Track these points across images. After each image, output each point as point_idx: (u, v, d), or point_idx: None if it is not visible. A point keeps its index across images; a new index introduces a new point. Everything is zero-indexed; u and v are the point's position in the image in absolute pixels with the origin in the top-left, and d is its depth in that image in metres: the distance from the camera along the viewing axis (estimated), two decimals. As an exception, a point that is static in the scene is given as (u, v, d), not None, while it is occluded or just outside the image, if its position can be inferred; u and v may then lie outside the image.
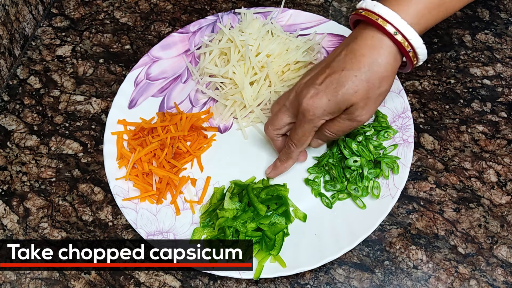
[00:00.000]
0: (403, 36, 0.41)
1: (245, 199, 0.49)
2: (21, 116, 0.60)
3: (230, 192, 0.50)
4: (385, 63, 0.41)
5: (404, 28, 0.40)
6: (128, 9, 0.69)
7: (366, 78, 0.41)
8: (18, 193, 0.55)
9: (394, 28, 0.40)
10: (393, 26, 0.40)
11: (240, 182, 0.52)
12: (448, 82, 0.60)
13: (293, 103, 0.46)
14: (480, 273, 0.48)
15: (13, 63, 0.64)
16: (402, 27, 0.40)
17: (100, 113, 0.60)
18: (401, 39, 0.41)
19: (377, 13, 0.41)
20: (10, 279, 0.49)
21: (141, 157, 0.52)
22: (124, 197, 0.51)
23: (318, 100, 0.43)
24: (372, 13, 0.41)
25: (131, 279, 0.49)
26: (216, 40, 0.60)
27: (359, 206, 0.50)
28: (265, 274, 0.46)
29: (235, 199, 0.49)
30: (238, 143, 0.56)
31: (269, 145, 0.55)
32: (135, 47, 0.65)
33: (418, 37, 0.41)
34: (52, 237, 0.52)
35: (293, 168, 0.53)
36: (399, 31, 0.40)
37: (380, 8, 0.41)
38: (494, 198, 0.52)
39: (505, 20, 0.64)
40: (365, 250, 0.49)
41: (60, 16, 0.69)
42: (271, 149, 0.55)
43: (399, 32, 0.40)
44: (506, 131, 0.56)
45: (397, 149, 0.52)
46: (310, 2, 0.68)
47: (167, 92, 0.59)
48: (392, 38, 0.41)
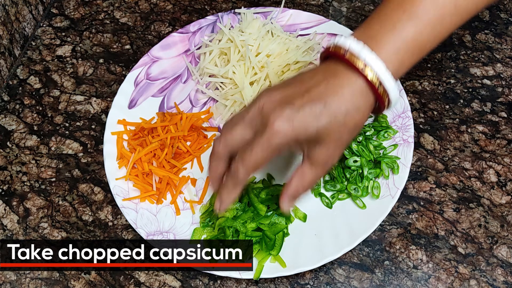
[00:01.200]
0: (383, 87, 0.38)
1: (245, 199, 0.49)
2: (21, 116, 0.60)
3: None
4: (363, 110, 0.38)
5: (385, 79, 0.37)
6: (128, 9, 0.69)
7: (344, 122, 0.38)
8: (18, 193, 0.55)
9: (375, 78, 0.37)
10: (373, 73, 0.37)
11: None
12: (448, 82, 0.60)
13: (255, 119, 0.39)
14: (480, 273, 0.48)
15: (13, 63, 0.64)
16: (383, 76, 0.37)
17: (100, 113, 0.60)
18: (381, 91, 0.38)
19: (363, 60, 0.37)
20: (10, 279, 0.49)
21: (141, 157, 0.52)
22: (124, 197, 0.51)
23: (291, 123, 0.37)
24: (357, 59, 0.37)
25: (131, 279, 0.49)
26: (216, 40, 0.60)
27: (359, 206, 0.50)
28: (265, 274, 0.46)
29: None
30: (238, 143, 0.56)
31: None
32: (135, 47, 0.65)
33: (392, 80, 0.38)
34: (52, 237, 0.52)
35: (293, 168, 0.53)
36: (382, 84, 0.37)
37: (366, 54, 0.37)
38: (494, 198, 0.52)
39: (505, 20, 0.64)
40: (365, 250, 0.49)
41: (60, 16, 0.69)
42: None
43: (381, 84, 0.37)
44: (506, 131, 0.56)
45: (397, 149, 0.52)
46: (310, 2, 0.68)
47: (167, 92, 0.59)
48: (373, 87, 0.37)
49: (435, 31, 0.39)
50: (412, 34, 0.38)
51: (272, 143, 0.37)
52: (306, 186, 0.40)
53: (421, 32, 0.38)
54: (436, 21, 0.38)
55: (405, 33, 0.37)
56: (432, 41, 0.39)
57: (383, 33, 0.38)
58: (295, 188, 0.40)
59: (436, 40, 0.39)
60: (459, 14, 0.39)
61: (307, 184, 0.40)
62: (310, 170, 0.40)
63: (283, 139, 0.37)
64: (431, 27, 0.38)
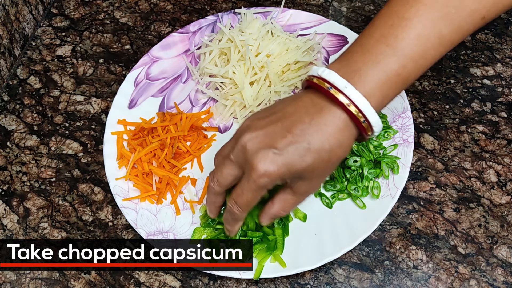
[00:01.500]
0: (368, 121, 0.38)
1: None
2: (21, 116, 0.60)
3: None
4: (346, 145, 0.39)
5: (370, 115, 0.38)
6: (128, 9, 0.69)
7: (328, 159, 0.38)
8: (18, 193, 0.55)
9: (360, 113, 0.37)
10: (357, 108, 0.37)
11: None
12: (448, 82, 0.60)
13: (240, 157, 0.40)
14: (480, 273, 0.48)
15: (13, 63, 0.64)
16: (367, 111, 0.37)
17: (100, 113, 0.60)
18: (366, 125, 0.38)
19: (348, 96, 0.37)
20: (10, 279, 0.49)
21: (141, 157, 0.52)
22: (124, 197, 0.51)
23: (275, 165, 0.37)
24: (342, 95, 0.37)
25: (131, 279, 0.49)
26: (216, 40, 0.60)
27: (359, 206, 0.50)
28: (265, 274, 0.46)
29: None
30: (238, 143, 0.56)
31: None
32: (135, 47, 0.65)
33: (376, 115, 0.38)
34: (52, 237, 0.52)
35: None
36: (366, 119, 0.38)
37: (350, 91, 0.37)
38: (494, 198, 0.52)
39: (505, 20, 0.64)
40: (365, 250, 0.49)
41: (60, 16, 0.69)
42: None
43: (365, 119, 0.38)
44: (506, 131, 0.56)
45: (397, 149, 0.52)
46: (310, 2, 0.68)
47: (167, 92, 0.59)
48: (358, 122, 0.38)
49: (419, 64, 0.38)
50: (396, 68, 0.37)
51: (259, 185, 0.38)
52: (287, 210, 0.43)
53: (404, 66, 0.38)
54: (420, 54, 0.38)
55: (389, 68, 0.37)
56: (415, 73, 0.39)
57: (367, 68, 0.37)
58: (277, 211, 0.43)
59: (419, 72, 0.39)
60: (444, 46, 0.39)
61: (288, 209, 0.43)
62: (292, 198, 0.42)
63: (268, 181, 0.38)
64: (415, 61, 0.38)
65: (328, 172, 0.41)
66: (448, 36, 0.38)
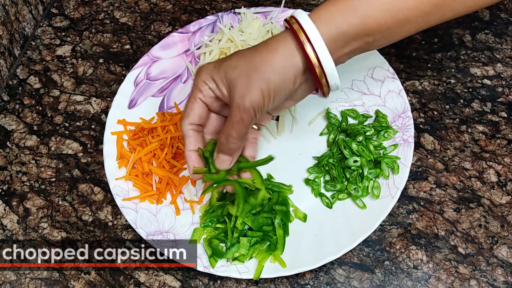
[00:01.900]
0: (320, 63, 0.39)
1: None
2: (21, 116, 0.60)
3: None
4: (279, 66, 0.40)
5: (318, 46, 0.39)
6: (128, 9, 0.69)
7: (256, 67, 0.40)
8: (18, 193, 0.55)
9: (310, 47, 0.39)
10: (309, 42, 0.39)
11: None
12: (448, 82, 0.60)
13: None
14: (480, 273, 0.48)
15: (13, 63, 0.64)
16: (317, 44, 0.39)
17: (100, 113, 0.60)
18: (312, 58, 0.39)
19: (302, 28, 0.39)
20: (10, 279, 0.49)
21: (141, 157, 0.52)
22: (124, 197, 0.51)
23: (212, 65, 0.42)
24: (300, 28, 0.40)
25: (131, 279, 0.49)
26: (216, 40, 0.60)
27: (359, 206, 0.50)
28: (265, 274, 0.46)
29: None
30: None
31: (268, 144, 0.55)
32: (135, 47, 0.65)
33: (329, 56, 0.39)
34: (52, 237, 0.52)
35: (293, 168, 0.53)
36: (318, 59, 0.39)
37: (308, 25, 0.39)
38: (494, 198, 0.52)
39: (505, 20, 0.64)
40: (365, 250, 0.49)
41: (60, 16, 0.69)
42: (270, 147, 0.55)
43: (317, 59, 0.39)
44: (506, 131, 0.56)
45: (397, 149, 0.52)
46: (310, 2, 0.68)
47: (167, 92, 0.59)
48: (304, 52, 0.39)
49: (381, 24, 0.40)
50: (356, 23, 0.39)
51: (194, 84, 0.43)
52: (237, 130, 0.41)
53: (364, 23, 0.40)
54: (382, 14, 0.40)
55: (350, 21, 0.40)
56: (378, 32, 0.40)
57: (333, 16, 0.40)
58: (228, 131, 0.42)
59: (384, 33, 0.41)
60: (410, 10, 0.40)
61: (236, 127, 0.41)
62: (232, 112, 0.41)
63: (202, 78, 0.42)
64: (376, 20, 0.40)
65: (252, 81, 0.40)
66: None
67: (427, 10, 0.41)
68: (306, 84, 0.42)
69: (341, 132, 0.54)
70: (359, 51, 0.42)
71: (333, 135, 0.54)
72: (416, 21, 0.41)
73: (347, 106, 0.56)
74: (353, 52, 0.42)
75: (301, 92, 0.43)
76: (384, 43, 0.43)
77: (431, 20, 0.42)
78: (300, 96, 0.44)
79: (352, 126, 0.53)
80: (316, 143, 0.55)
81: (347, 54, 0.42)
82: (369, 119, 0.55)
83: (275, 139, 0.55)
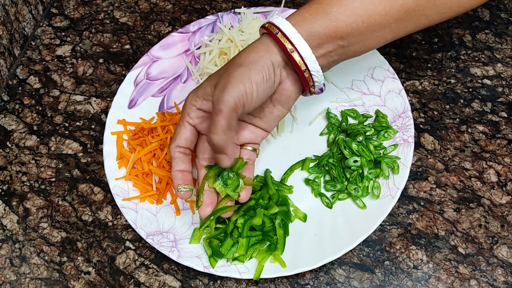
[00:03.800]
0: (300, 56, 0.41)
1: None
2: (20, 116, 0.60)
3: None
4: (256, 60, 0.41)
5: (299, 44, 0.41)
6: (128, 9, 0.69)
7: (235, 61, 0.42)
8: (18, 193, 0.55)
9: (291, 45, 0.41)
10: (290, 43, 0.41)
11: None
12: (448, 82, 0.60)
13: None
14: (481, 273, 0.48)
15: (12, 63, 0.64)
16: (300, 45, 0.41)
17: (100, 113, 0.60)
18: (287, 46, 0.41)
19: (280, 28, 0.41)
20: (10, 279, 0.49)
21: (141, 157, 0.52)
22: (124, 197, 0.51)
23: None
24: (280, 32, 0.41)
25: (131, 279, 0.49)
26: (216, 40, 0.60)
27: (359, 206, 0.50)
28: (265, 274, 0.46)
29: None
30: (238, 143, 0.55)
31: (268, 144, 0.55)
32: (135, 47, 0.65)
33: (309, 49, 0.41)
34: (52, 237, 0.52)
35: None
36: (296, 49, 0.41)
37: (286, 27, 0.41)
38: (495, 198, 0.52)
39: (505, 20, 0.64)
40: (365, 250, 0.49)
41: (60, 16, 0.69)
42: (270, 147, 0.55)
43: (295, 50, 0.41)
44: (506, 131, 0.56)
45: (397, 149, 0.52)
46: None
47: (167, 92, 0.59)
48: (286, 51, 0.41)
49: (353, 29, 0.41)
50: (327, 26, 0.41)
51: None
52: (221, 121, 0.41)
53: (336, 27, 0.41)
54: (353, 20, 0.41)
55: (324, 24, 0.41)
56: (353, 36, 0.42)
57: (311, 19, 0.41)
58: (217, 121, 0.42)
59: (358, 37, 0.42)
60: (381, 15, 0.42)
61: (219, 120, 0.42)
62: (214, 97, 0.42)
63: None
64: (348, 24, 0.41)
65: (230, 70, 0.42)
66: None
67: (399, 16, 0.42)
68: (290, 81, 0.43)
69: (341, 132, 0.54)
70: (336, 55, 0.43)
71: (333, 135, 0.54)
72: (390, 27, 0.42)
73: (347, 106, 0.56)
74: (330, 55, 0.42)
75: (287, 93, 0.44)
76: (362, 48, 0.43)
77: (406, 27, 0.43)
78: (287, 98, 0.45)
79: (352, 126, 0.53)
80: (316, 143, 0.55)
81: (323, 56, 0.42)
82: (369, 119, 0.55)
83: (275, 139, 0.55)
